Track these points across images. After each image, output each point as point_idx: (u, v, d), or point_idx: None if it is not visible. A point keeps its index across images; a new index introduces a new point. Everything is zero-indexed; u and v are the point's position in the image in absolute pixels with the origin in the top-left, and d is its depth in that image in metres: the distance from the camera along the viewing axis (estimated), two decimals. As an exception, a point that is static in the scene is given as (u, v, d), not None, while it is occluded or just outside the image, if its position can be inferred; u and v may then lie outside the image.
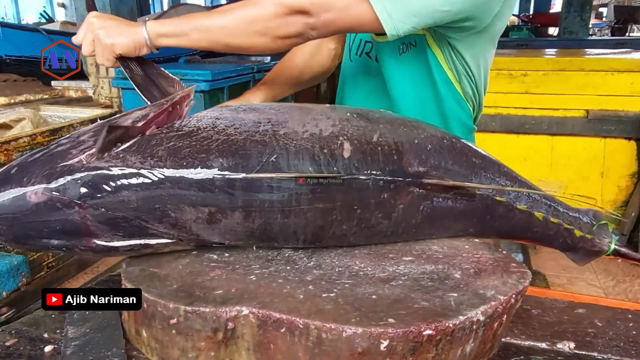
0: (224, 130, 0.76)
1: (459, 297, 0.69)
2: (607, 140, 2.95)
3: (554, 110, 3.00)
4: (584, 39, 6.68)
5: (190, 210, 0.74)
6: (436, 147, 0.83)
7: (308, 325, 0.62)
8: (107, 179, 0.72)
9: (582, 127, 2.95)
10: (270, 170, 0.73)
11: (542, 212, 0.91)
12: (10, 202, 0.72)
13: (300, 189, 0.74)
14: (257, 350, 0.67)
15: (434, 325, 0.62)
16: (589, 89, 2.92)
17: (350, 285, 0.72)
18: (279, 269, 0.77)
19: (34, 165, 0.74)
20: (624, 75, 2.86)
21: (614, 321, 0.89)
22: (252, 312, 0.65)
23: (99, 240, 0.75)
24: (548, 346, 0.81)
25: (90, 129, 0.79)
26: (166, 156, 0.72)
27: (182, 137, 0.75)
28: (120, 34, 0.89)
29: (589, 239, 0.99)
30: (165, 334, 0.68)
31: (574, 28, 7.09)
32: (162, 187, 0.72)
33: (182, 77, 4.21)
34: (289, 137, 0.76)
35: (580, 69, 2.92)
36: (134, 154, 0.73)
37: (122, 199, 0.72)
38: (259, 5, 0.89)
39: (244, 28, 0.89)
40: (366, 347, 0.61)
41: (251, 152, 0.73)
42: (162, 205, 0.73)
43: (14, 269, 1.01)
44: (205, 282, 0.72)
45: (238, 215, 0.74)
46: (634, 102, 2.89)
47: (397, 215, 0.81)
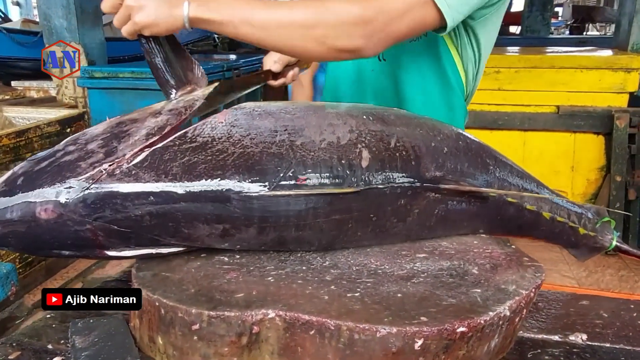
0: (239, 142, 0.72)
1: (483, 292, 0.69)
2: (577, 135, 3.04)
3: (526, 106, 3.07)
4: (547, 37, 6.88)
5: (204, 227, 0.71)
6: (452, 149, 0.82)
7: (339, 326, 0.60)
8: (119, 197, 0.68)
9: (553, 122, 3.03)
10: (287, 185, 0.70)
11: (549, 212, 0.93)
12: (19, 217, 0.68)
13: (317, 203, 0.72)
14: (283, 354, 0.65)
15: (467, 322, 0.61)
16: (559, 86, 2.99)
17: (372, 284, 0.70)
18: (295, 270, 0.75)
19: (41, 176, 0.69)
20: (592, 72, 2.95)
21: (618, 312, 0.91)
22: (278, 315, 0.63)
23: (109, 251, 0.72)
24: (561, 338, 0.82)
25: (97, 134, 0.74)
26: (181, 174, 0.69)
27: (197, 150, 0.70)
28: (156, 17, 0.77)
29: (592, 236, 1.01)
30: (185, 340, 0.65)
31: (536, 27, 7.28)
32: (176, 206, 0.69)
33: (151, 76, 4.15)
34: (306, 147, 0.73)
35: (551, 66, 2.99)
36: (146, 170, 0.69)
37: (134, 217, 0.69)
38: (324, 8, 0.81)
39: (302, 32, 0.81)
40: (400, 346, 0.60)
41: (268, 167, 0.70)
42: (175, 223, 0.70)
43: (2, 277, 0.95)
44: (223, 285, 0.70)
45: (252, 230, 0.72)
46: (602, 98, 2.98)
47: (412, 219, 0.80)
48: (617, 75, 2.93)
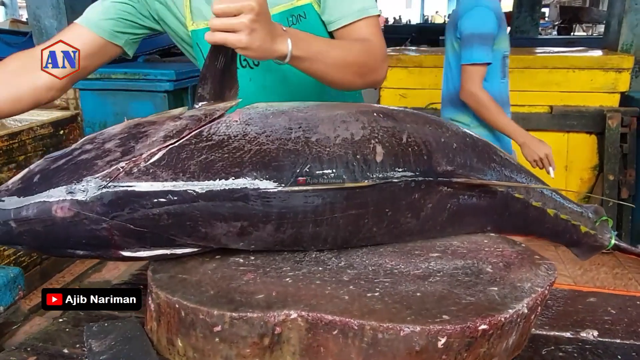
0: (255, 139, 0.72)
1: (500, 290, 0.69)
2: (570, 135, 3.08)
3: (520, 106, 3.09)
4: (536, 37, 6.94)
5: (222, 225, 0.71)
6: (460, 145, 0.84)
7: (363, 326, 0.61)
8: (136, 196, 0.68)
9: (546, 122, 3.07)
10: (305, 180, 0.71)
11: (553, 209, 0.94)
12: (35, 214, 0.68)
13: (334, 198, 0.72)
14: (305, 355, 0.65)
15: (488, 319, 0.62)
16: (552, 86, 3.03)
17: (390, 283, 0.71)
18: (311, 271, 0.75)
19: (58, 174, 0.69)
20: (585, 72, 2.99)
21: (625, 308, 0.93)
22: (300, 316, 0.63)
23: (124, 252, 0.72)
24: (572, 335, 0.83)
25: (116, 134, 0.74)
26: (199, 172, 0.69)
27: (214, 148, 0.71)
28: (260, 45, 0.80)
29: (592, 235, 1.02)
30: (207, 342, 0.65)
31: (525, 27, 7.34)
32: (194, 204, 0.69)
33: (145, 77, 4.10)
34: (321, 144, 0.73)
35: (544, 66, 3.03)
36: (164, 169, 0.69)
37: (151, 216, 0.68)
38: (369, 50, 1.03)
39: (356, 69, 1.01)
40: (424, 345, 0.60)
41: (284, 163, 0.71)
42: (193, 221, 0.70)
43: (10, 281, 0.94)
44: (242, 286, 0.70)
45: (270, 227, 0.72)
46: (594, 98, 3.02)
47: (426, 214, 0.81)
48: (609, 75, 2.98)
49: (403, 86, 3.24)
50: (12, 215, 0.68)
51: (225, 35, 0.78)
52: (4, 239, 0.70)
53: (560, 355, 0.77)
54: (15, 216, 0.68)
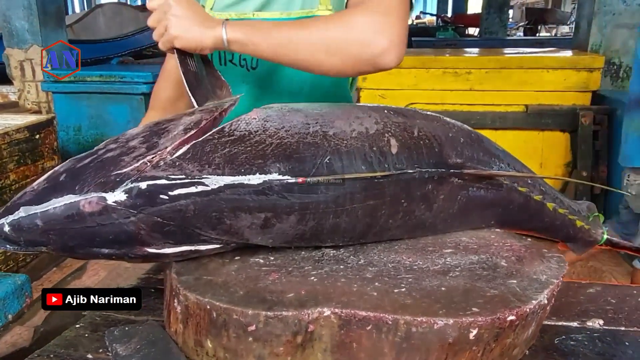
0: (275, 134, 0.74)
1: (519, 283, 0.72)
2: (545, 133, 3.17)
3: (497, 106, 3.18)
4: (505, 38, 7.12)
5: (247, 217, 0.72)
6: (467, 139, 0.87)
7: (397, 320, 0.62)
8: (164, 188, 0.68)
9: (522, 121, 3.15)
10: (324, 171, 0.73)
11: (552, 203, 0.98)
12: (62, 211, 0.67)
13: (354, 188, 0.74)
14: (337, 351, 0.66)
15: (515, 310, 0.64)
16: (527, 86, 3.12)
17: (413, 279, 0.73)
18: (333, 269, 0.77)
19: (84, 172, 0.69)
20: (558, 72, 3.08)
21: (624, 298, 0.97)
22: (334, 313, 0.64)
23: (150, 248, 0.72)
24: (580, 325, 0.87)
25: (138, 133, 0.75)
26: (224, 163, 0.70)
27: (236, 142, 0.72)
28: (189, 30, 0.85)
29: (586, 230, 1.07)
30: (240, 342, 0.66)
31: (494, 28, 7.53)
32: (220, 194, 0.69)
33: (121, 79, 4.04)
34: (338, 137, 0.76)
35: (519, 66, 3.11)
36: (190, 161, 0.70)
37: (179, 208, 0.69)
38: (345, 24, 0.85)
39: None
40: (456, 337, 0.62)
41: (305, 155, 0.73)
42: (219, 213, 0.71)
43: (18, 289, 0.93)
44: (269, 286, 0.71)
45: (293, 218, 0.74)
46: (567, 97, 3.12)
47: (438, 205, 0.83)
48: (581, 75, 3.08)
49: (382, 87, 3.28)
50: (39, 215, 0.68)
51: (155, 35, 0.87)
52: (29, 239, 0.69)
53: (572, 344, 0.81)
54: (42, 215, 0.68)
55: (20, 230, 0.69)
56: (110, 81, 3.77)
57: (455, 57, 3.29)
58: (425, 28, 10.70)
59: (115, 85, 3.78)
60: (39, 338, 1.99)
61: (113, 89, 3.77)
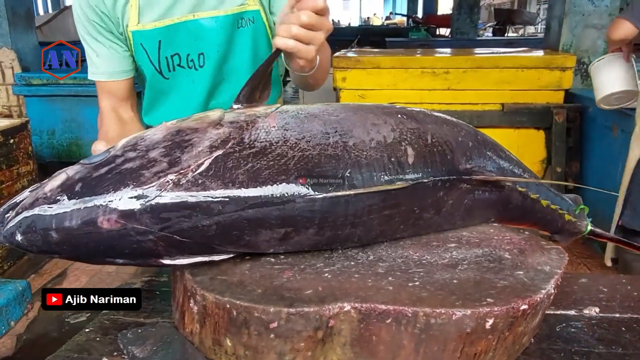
0: (297, 145, 0.74)
1: (526, 274, 0.75)
2: (520, 131, 3.25)
3: (474, 104, 3.25)
4: (476, 38, 7.26)
5: (267, 232, 0.73)
6: (474, 143, 0.89)
7: (417, 312, 0.64)
8: (186, 208, 0.67)
9: (498, 119, 3.22)
10: (346, 185, 0.73)
11: (546, 200, 1.02)
12: (79, 226, 0.66)
13: (372, 200, 0.75)
14: (356, 345, 0.68)
15: (527, 300, 0.67)
16: (503, 85, 3.19)
17: (424, 273, 0.75)
18: (345, 265, 0.78)
19: (102, 183, 0.68)
20: (532, 71, 3.17)
21: (614, 286, 1.02)
22: (354, 307, 0.66)
23: (165, 260, 0.72)
24: (577, 313, 0.90)
25: (159, 141, 0.72)
26: (247, 181, 0.69)
27: (258, 156, 0.71)
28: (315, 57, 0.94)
29: (573, 222, 1.11)
30: (261, 339, 0.67)
31: (465, 29, 7.67)
32: (243, 214, 0.69)
33: (96, 82, 3.94)
34: (358, 148, 0.76)
35: (495, 66, 3.18)
36: (212, 179, 0.69)
37: (200, 226, 0.69)
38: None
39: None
40: (473, 327, 0.65)
41: (327, 169, 0.73)
42: (239, 230, 0.71)
43: (19, 295, 0.91)
44: (285, 284, 0.72)
45: (311, 231, 0.75)
46: (541, 95, 3.21)
47: (446, 209, 0.86)
48: (554, 74, 3.17)
49: (362, 87, 3.31)
50: (54, 226, 0.67)
51: (298, 46, 0.86)
52: (42, 249, 0.69)
53: (572, 331, 0.84)
54: (57, 226, 0.67)
55: (32, 240, 0.68)
56: (84, 84, 3.70)
57: (433, 57, 3.34)
58: (397, 29, 10.83)
59: (90, 87, 3.70)
60: (23, 346, 1.95)
61: (88, 91, 3.70)
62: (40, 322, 1.98)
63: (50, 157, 3.89)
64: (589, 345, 0.80)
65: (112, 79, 1.21)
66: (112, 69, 1.20)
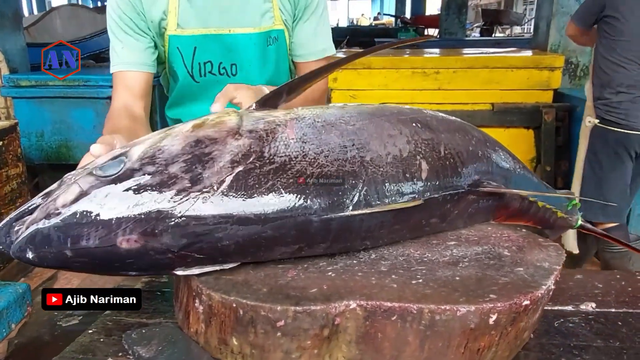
0: (315, 161, 0.73)
1: (526, 270, 0.77)
2: (510, 130, 3.29)
3: (464, 104, 3.28)
4: (465, 39, 7.31)
5: (280, 249, 0.74)
6: (484, 152, 0.91)
7: (422, 309, 0.65)
8: (207, 230, 0.67)
9: (489, 119, 3.26)
10: (362, 204, 0.73)
11: (542, 201, 1.04)
12: (97, 245, 0.64)
13: (385, 217, 0.77)
14: (361, 342, 0.69)
15: (529, 295, 0.69)
16: (493, 84, 3.23)
17: (427, 270, 0.76)
18: (348, 264, 0.79)
19: (120, 201, 0.66)
20: (522, 71, 3.21)
21: (608, 282, 1.04)
22: (359, 305, 0.67)
23: (178, 271, 0.72)
24: (574, 308, 0.92)
25: (178, 154, 0.70)
26: (267, 201, 0.69)
27: (278, 172, 0.71)
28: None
29: (565, 218, 1.14)
30: (268, 338, 0.67)
31: (453, 29, 7.72)
32: (262, 234, 0.70)
33: (85, 83, 3.93)
34: (375, 163, 0.76)
35: (485, 66, 3.22)
36: (234, 197, 0.68)
37: (219, 246, 0.69)
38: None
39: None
40: (477, 322, 0.66)
41: (345, 187, 0.73)
42: (256, 248, 0.72)
43: (19, 298, 0.91)
44: (290, 283, 0.72)
45: (323, 246, 0.76)
46: (530, 95, 3.26)
47: (451, 218, 0.87)
48: (543, 74, 3.21)
49: (353, 87, 3.33)
50: (69, 245, 0.65)
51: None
52: (52, 264, 0.68)
53: (570, 326, 0.86)
54: (72, 245, 0.65)
55: (44, 257, 0.67)
56: (74, 85, 3.67)
57: (424, 58, 3.37)
58: (386, 29, 10.87)
59: (79, 89, 3.68)
60: (14, 350, 1.94)
61: (77, 93, 3.68)
62: (32, 325, 1.96)
63: (39, 160, 3.85)
64: (587, 339, 0.82)
65: (133, 69, 1.24)
66: (134, 59, 1.23)
